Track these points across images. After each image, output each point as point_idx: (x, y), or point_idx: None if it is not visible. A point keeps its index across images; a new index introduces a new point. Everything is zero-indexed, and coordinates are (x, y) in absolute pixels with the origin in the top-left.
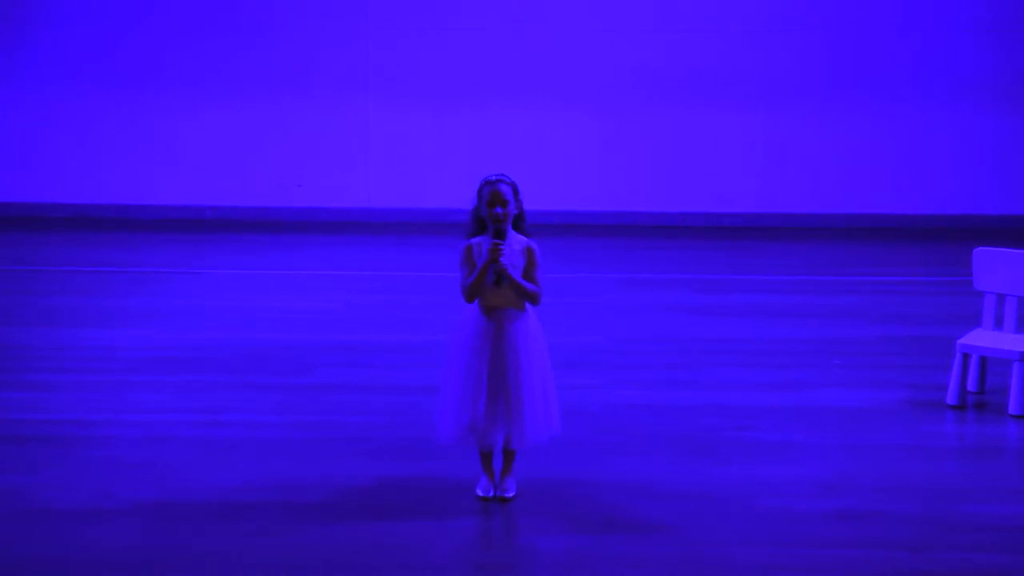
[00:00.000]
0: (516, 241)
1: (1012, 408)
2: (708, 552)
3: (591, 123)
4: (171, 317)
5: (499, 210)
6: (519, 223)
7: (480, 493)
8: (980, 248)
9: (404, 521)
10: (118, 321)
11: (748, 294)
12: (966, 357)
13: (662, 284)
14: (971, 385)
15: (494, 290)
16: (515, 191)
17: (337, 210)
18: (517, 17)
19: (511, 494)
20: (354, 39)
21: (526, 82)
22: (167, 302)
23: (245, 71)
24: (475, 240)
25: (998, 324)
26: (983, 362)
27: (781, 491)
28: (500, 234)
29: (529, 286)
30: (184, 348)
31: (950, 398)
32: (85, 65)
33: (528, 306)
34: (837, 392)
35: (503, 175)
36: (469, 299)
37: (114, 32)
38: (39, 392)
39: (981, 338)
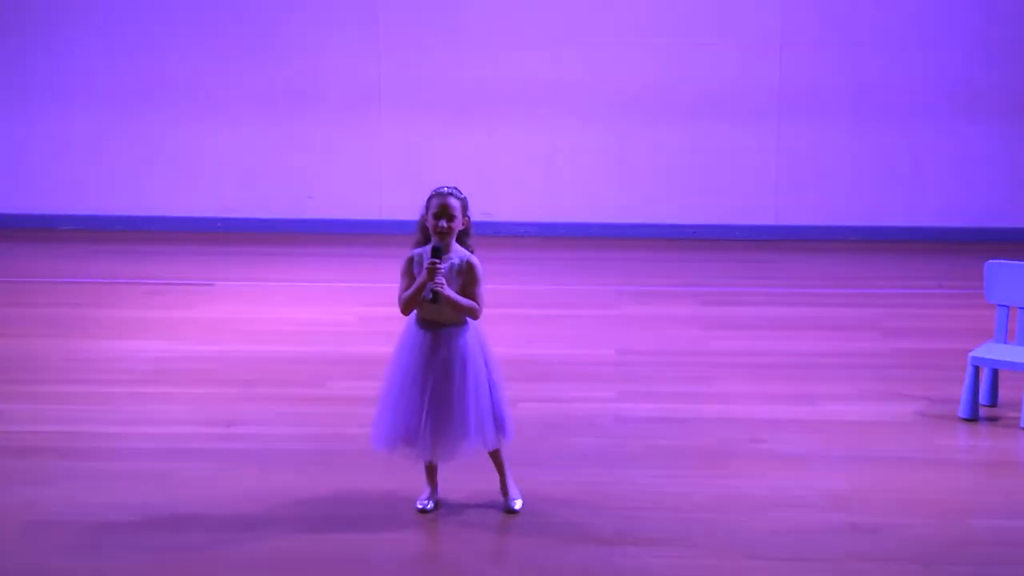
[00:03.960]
0: (457, 256)
1: None
2: (721, 565)
3: (603, 136)
4: (183, 329)
5: (444, 223)
6: (464, 238)
7: (419, 505)
8: (992, 261)
9: (417, 533)
10: (130, 333)
11: (761, 307)
12: (978, 370)
13: (674, 296)
14: (983, 398)
15: (431, 305)
16: (464, 206)
17: (349, 222)
18: (529, 32)
19: (517, 507)
20: (366, 53)
21: (537, 96)
22: (179, 314)
23: (257, 84)
24: (417, 251)
25: (1010, 337)
26: (995, 375)
27: (793, 504)
28: (441, 249)
29: (466, 302)
30: (196, 360)
31: (962, 411)
32: (97, 78)
33: (469, 319)
34: (849, 405)
35: (455, 189)
36: (405, 312)
37: (126, 45)
38: (51, 404)
39: (993, 351)
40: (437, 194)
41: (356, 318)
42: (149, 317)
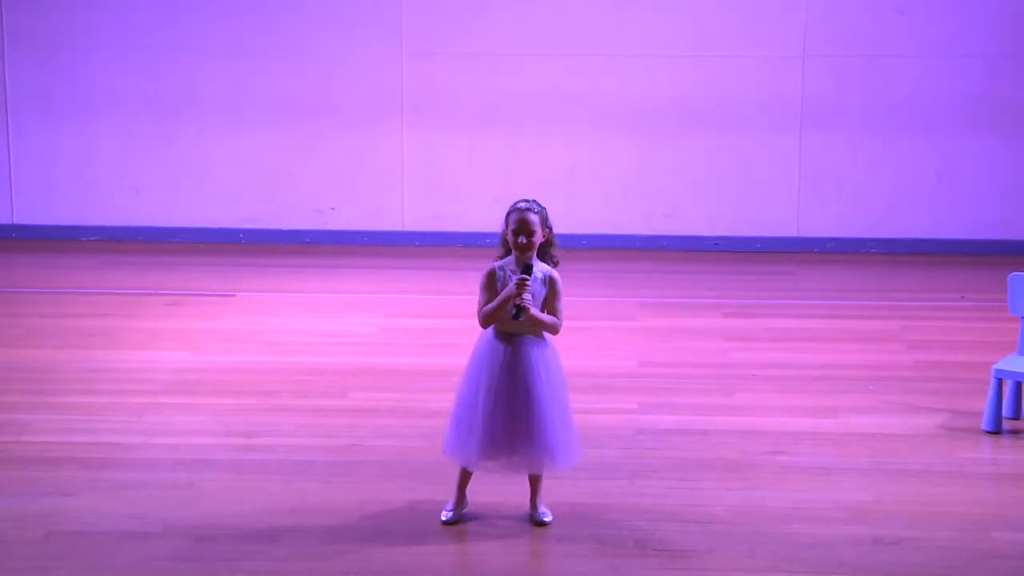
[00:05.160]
0: (539, 269)
1: None
2: None
3: (625, 148)
4: (205, 340)
5: (523, 239)
6: (546, 250)
7: (443, 517)
8: (1016, 273)
9: (438, 545)
10: (153, 344)
11: (783, 319)
12: (1001, 383)
13: (696, 308)
14: (1007, 411)
15: (511, 320)
16: (543, 219)
17: (371, 233)
18: (552, 43)
19: (548, 519)
20: (389, 65)
21: (560, 107)
22: (201, 325)
23: (279, 96)
24: (498, 264)
25: None
26: (1019, 388)
27: (815, 516)
28: (525, 264)
29: (548, 319)
30: (218, 371)
31: (985, 424)
32: (122, 90)
33: (546, 333)
34: (872, 417)
35: (533, 202)
36: (485, 325)
37: (150, 58)
38: (74, 414)
39: (1017, 363)
40: (515, 209)
41: (378, 329)
42: (171, 328)
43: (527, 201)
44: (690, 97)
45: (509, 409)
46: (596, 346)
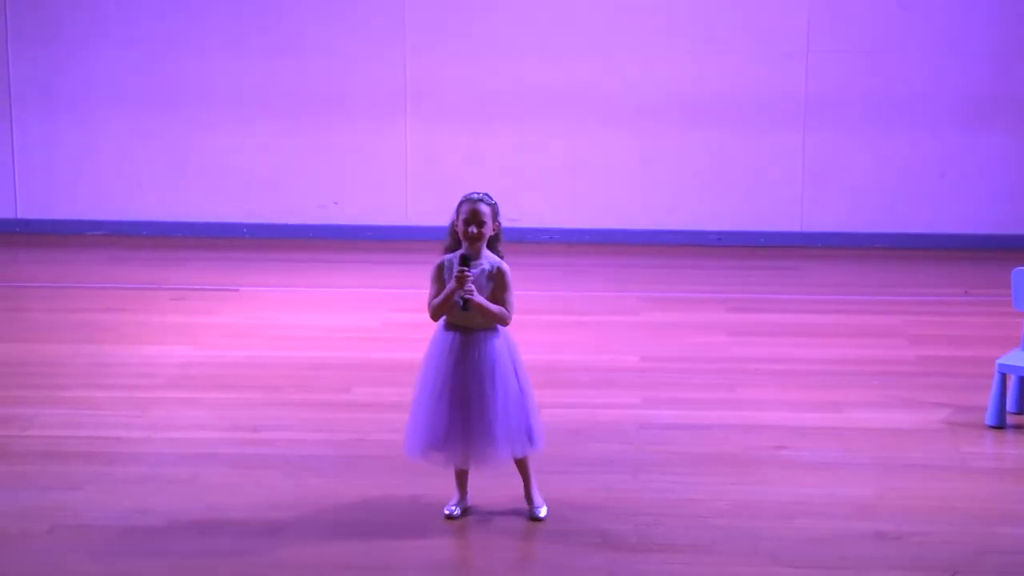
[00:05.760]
0: (487, 261)
1: None
2: (743, 573)
3: (629, 142)
4: (209, 334)
5: (473, 229)
6: (494, 244)
7: (446, 512)
8: (1019, 268)
9: (440, 539)
10: (157, 338)
11: (786, 314)
12: (1005, 377)
13: (699, 303)
14: (1011, 406)
15: (461, 312)
16: (495, 212)
17: (375, 228)
18: (555, 37)
19: (542, 513)
20: (392, 58)
21: (564, 102)
22: (205, 319)
23: (282, 90)
24: (447, 257)
25: None
26: (1023, 383)
27: (818, 512)
28: (469, 256)
29: (496, 309)
30: (222, 365)
31: (989, 419)
32: (124, 84)
33: (499, 325)
34: (874, 412)
35: (485, 195)
36: (435, 318)
37: (153, 51)
38: (79, 408)
39: (1020, 358)
40: (467, 200)
41: (381, 324)
42: (175, 322)
43: (479, 193)
44: (693, 92)
45: (457, 400)
46: (598, 341)
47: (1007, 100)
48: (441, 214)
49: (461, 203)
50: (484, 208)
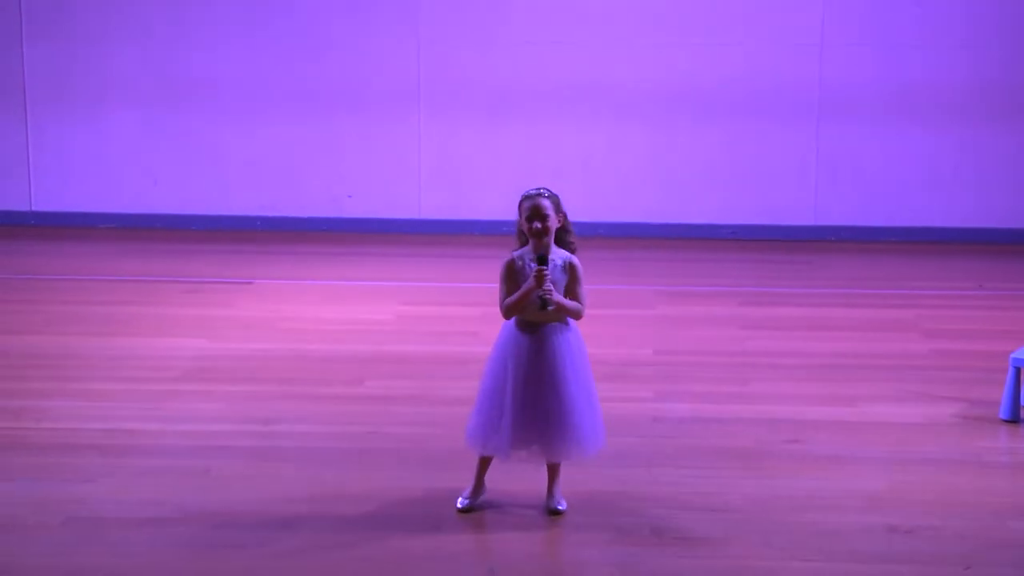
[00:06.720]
0: (558, 256)
1: None
2: (756, 566)
3: (642, 135)
4: (222, 327)
5: (538, 225)
6: (563, 236)
7: (459, 504)
8: None
9: (454, 533)
10: (170, 331)
11: (799, 307)
12: (1019, 371)
13: (712, 296)
14: None
15: (537, 310)
16: (556, 205)
17: (388, 221)
18: (568, 31)
19: (563, 507)
20: (405, 52)
21: (577, 95)
22: (218, 312)
23: (296, 83)
24: (516, 254)
25: None
26: None
27: (830, 505)
28: (542, 251)
29: (572, 305)
30: (235, 358)
31: (1003, 413)
32: (137, 78)
33: (569, 319)
34: (888, 406)
35: (543, 188)
36: (507, 317)
37: (166, 45)
38: (92, 401)
39: None
40: (527, 196)
41: (394, 317)
42: (188, 315)
43: (538, 188)
44: (707, 85)
45: (537, 398)
46: (613, 334)
47: (1021, 93)
48: (454, 207)
49: (521, 201)
50: (544, 202)
